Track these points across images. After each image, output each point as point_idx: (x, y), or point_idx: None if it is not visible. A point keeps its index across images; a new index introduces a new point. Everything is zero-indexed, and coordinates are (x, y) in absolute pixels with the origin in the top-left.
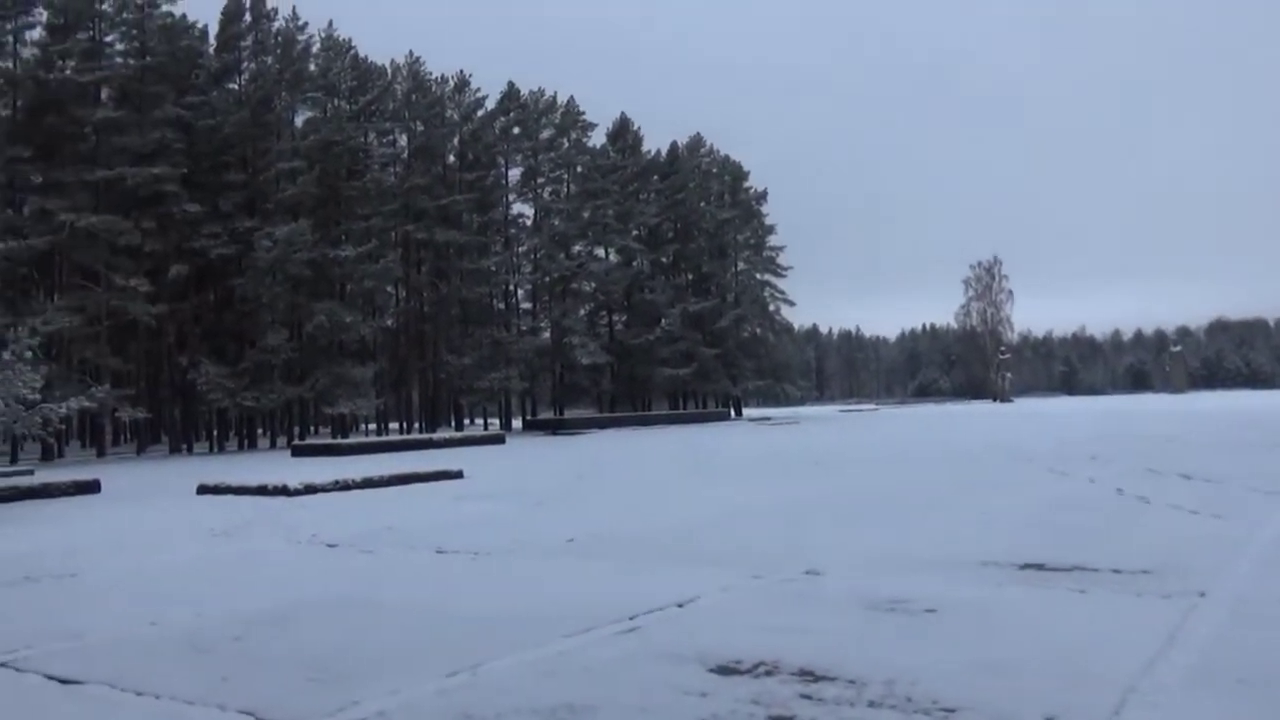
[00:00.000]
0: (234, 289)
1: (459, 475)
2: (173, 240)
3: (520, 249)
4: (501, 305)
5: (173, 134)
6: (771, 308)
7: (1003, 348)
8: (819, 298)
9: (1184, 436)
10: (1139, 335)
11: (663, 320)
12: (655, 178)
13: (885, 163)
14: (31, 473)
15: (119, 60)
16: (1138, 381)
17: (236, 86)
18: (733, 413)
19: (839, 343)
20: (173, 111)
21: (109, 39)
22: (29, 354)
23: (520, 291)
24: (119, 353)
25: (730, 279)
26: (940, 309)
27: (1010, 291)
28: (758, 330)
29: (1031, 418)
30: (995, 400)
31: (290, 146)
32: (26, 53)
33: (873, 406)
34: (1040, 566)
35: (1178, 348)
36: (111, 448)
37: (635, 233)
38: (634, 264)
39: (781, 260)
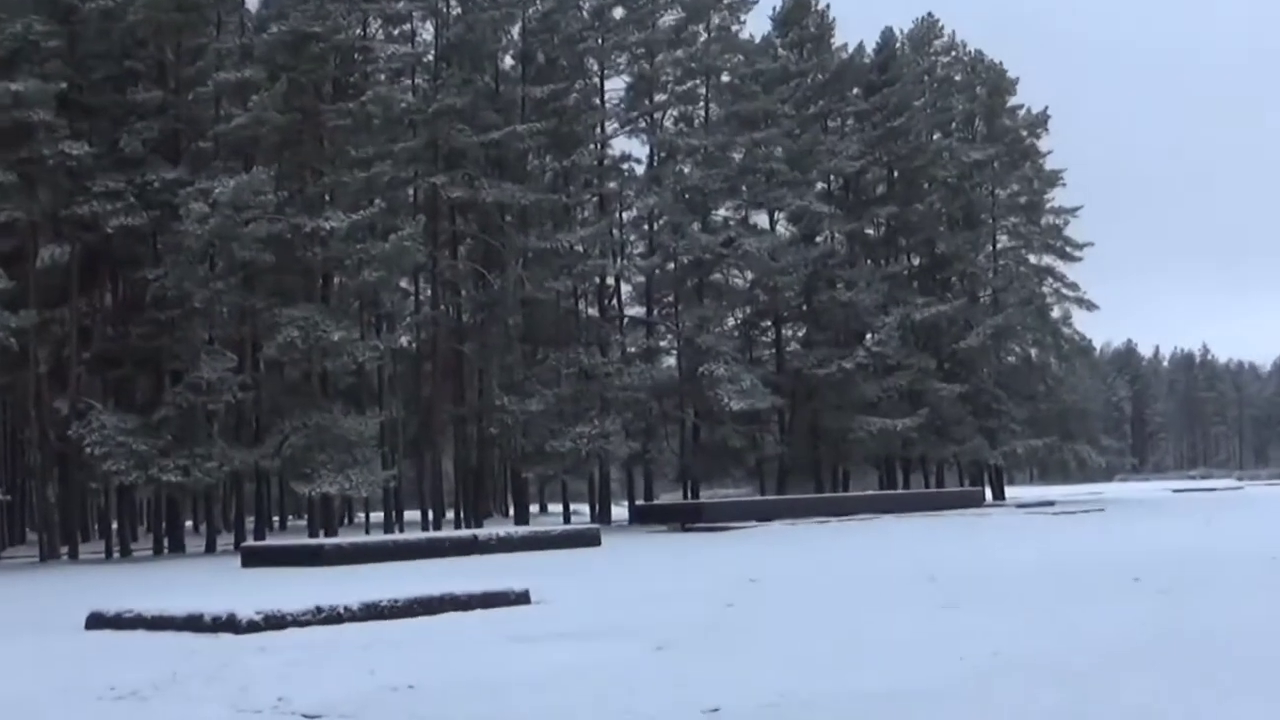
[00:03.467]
0: (145, 285)
1: (524, 599)
2: (44, 203)
3: (626, 215)
4: (593, 311)
5: (43, 24)
6: (1056, 313)
7: None
8: (1134, 298)
9: None
10: None
11: (869, 336)
12: (855, 91)
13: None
14: None
15: None
16: None
17: None
18: (988, 493)
19: (1172, 374)
20: None
21: None
22: None
23: (626, 289)
24: None
25: (985, 264)
26: None
27: None
28: (1033, 352)
29: None
30: None
31: (238, 44)
32: None
33: (1233, 482)
34: None
35: None
36: None
37: (821, 186)
38: (819, 239)
39: (1072, 233)
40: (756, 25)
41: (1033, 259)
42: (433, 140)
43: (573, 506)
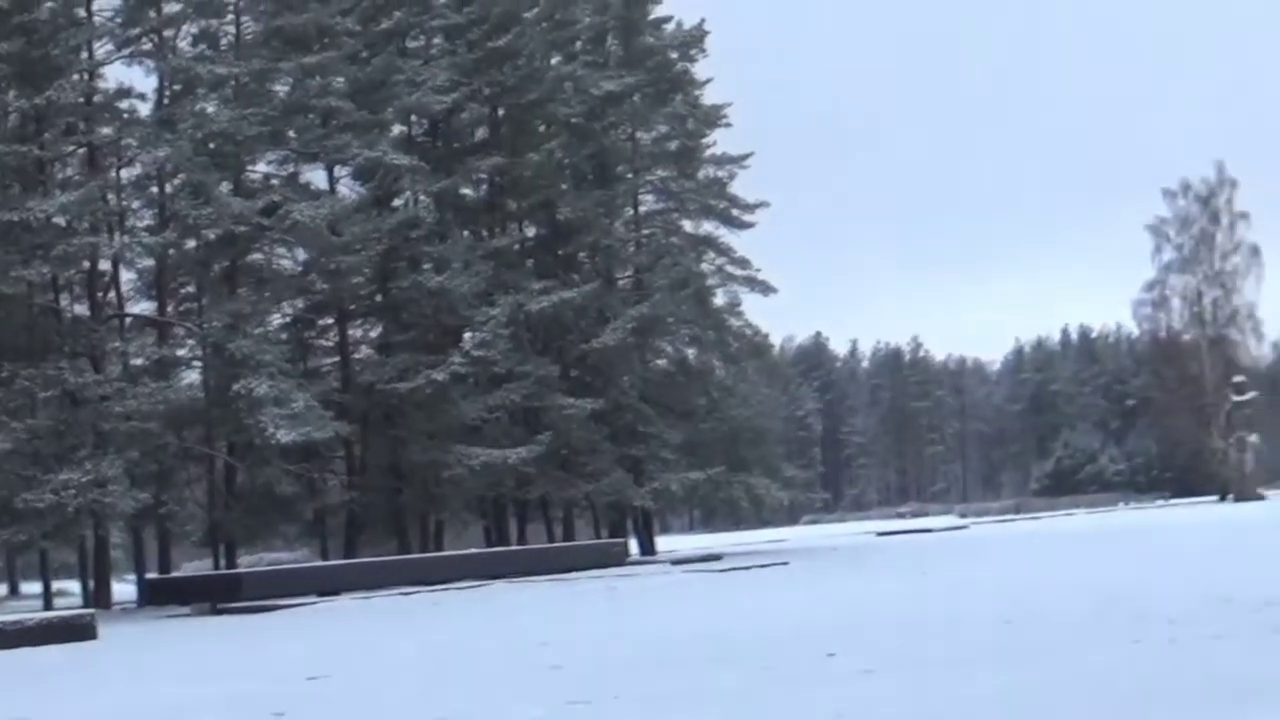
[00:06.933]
0: None
1: None
2: None
3: (126, 173)
4: (81, 309)
5: None
6: (721, 300)
7: (1239, 378)
8: (823, 279)
9: None
10: None
11: (467, 335)
12: None
13: (973, 33)
14: None
15: None
16: None
17: None
18: (635, 545)
19: (874, 377)
20: None
21: None
22: None
23: (127, 276)
24: None
25: (625, 234)
26: (1104, 295)
27: (1255, 248)
28: (690, 353)
29: None
30: (1225, 497)
31: None
32: None
33: (955, 520)
34: None
35: None
36: None
37: (399, 130)
38: (397, 203)
39: (740, 191)
40: None
41: (688, 226)
42: None
43: (57, 585)
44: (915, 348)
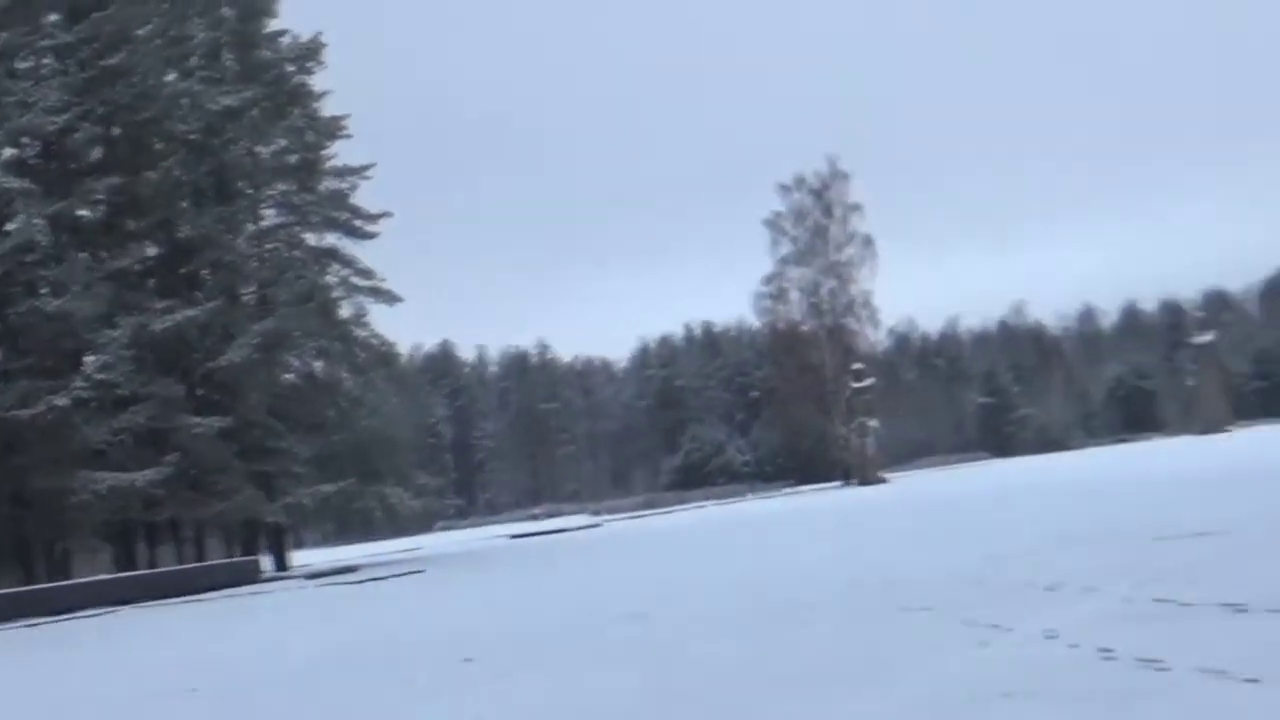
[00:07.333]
0: None
1: None
2: None
3: None
4: None
5: None
6: (346, 312)
7: (857, 365)
8: (446, 285)
9: (1229, 523)
10: (1136, 319)
11: (89, 359)
12: (53, 17)
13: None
14: None
15: None
16: (1135, 418)
17: None
18: (270, 562)
19: (502, 381)
20: None
21: None
22: None
23: None
24: None
25: (247, 250)
26: (726, 290)
27: (869, 239)
28: (317, 366)
29: (925, 513)
30: (849, 481)
31: None
32: None
33: (588, 519)
34: None
35: (1208, 336)
36: None
37: (10, 152)
38: (11, 227)
39: (363, 201)
40: None
41: (311, 239)
42: None
43: None
44: (542, 350)
